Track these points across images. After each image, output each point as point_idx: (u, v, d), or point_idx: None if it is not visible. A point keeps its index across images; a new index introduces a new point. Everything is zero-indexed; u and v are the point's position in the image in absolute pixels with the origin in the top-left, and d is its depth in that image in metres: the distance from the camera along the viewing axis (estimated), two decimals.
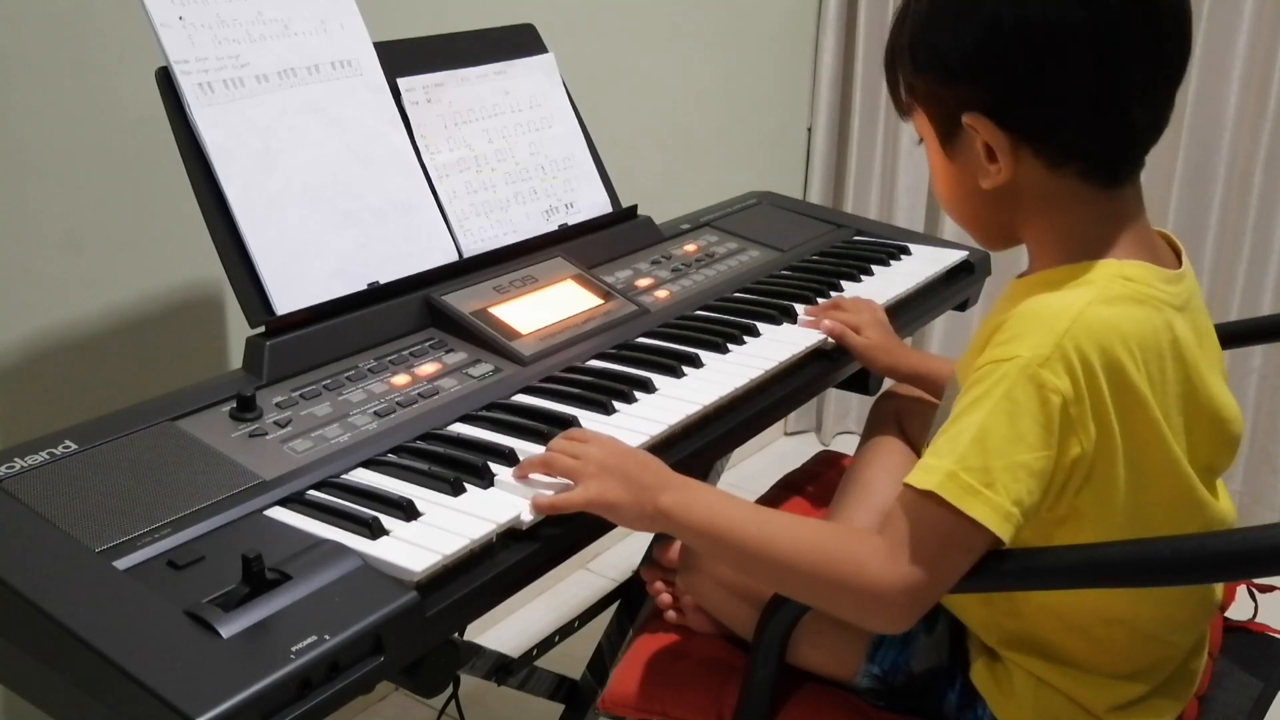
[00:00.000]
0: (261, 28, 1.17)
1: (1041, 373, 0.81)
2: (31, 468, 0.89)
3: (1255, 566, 0.76)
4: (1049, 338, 0.82)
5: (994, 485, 0.81)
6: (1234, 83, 2.09)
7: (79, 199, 1.32)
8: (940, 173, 0.95)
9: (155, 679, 0.69)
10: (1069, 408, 0.81)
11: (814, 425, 2.74)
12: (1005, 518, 0.81)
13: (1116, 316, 0.84)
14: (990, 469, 0.81)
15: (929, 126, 0.93)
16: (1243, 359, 2.19)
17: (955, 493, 0.81)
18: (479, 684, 1.38)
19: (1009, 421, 0.81)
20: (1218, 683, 1.05)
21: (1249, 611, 1.12)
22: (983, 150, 0.88)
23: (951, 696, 0.97)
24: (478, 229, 1.30)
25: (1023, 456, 0.81)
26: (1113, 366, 0.82)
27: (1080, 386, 0.81)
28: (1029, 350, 0.82)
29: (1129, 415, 0.84)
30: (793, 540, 0.87)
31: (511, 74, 1.40)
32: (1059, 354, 0.81)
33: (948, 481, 0.81)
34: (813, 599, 0.89)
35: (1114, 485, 0.85)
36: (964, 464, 0.81)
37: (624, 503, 0.91)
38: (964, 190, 0.93)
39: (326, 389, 1.05)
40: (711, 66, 2.25)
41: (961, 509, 0.81)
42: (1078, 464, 0.83)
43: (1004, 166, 0.88)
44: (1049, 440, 0.81)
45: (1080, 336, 0.82)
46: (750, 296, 1.36)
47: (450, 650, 0.85)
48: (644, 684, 1.06)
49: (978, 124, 0.87)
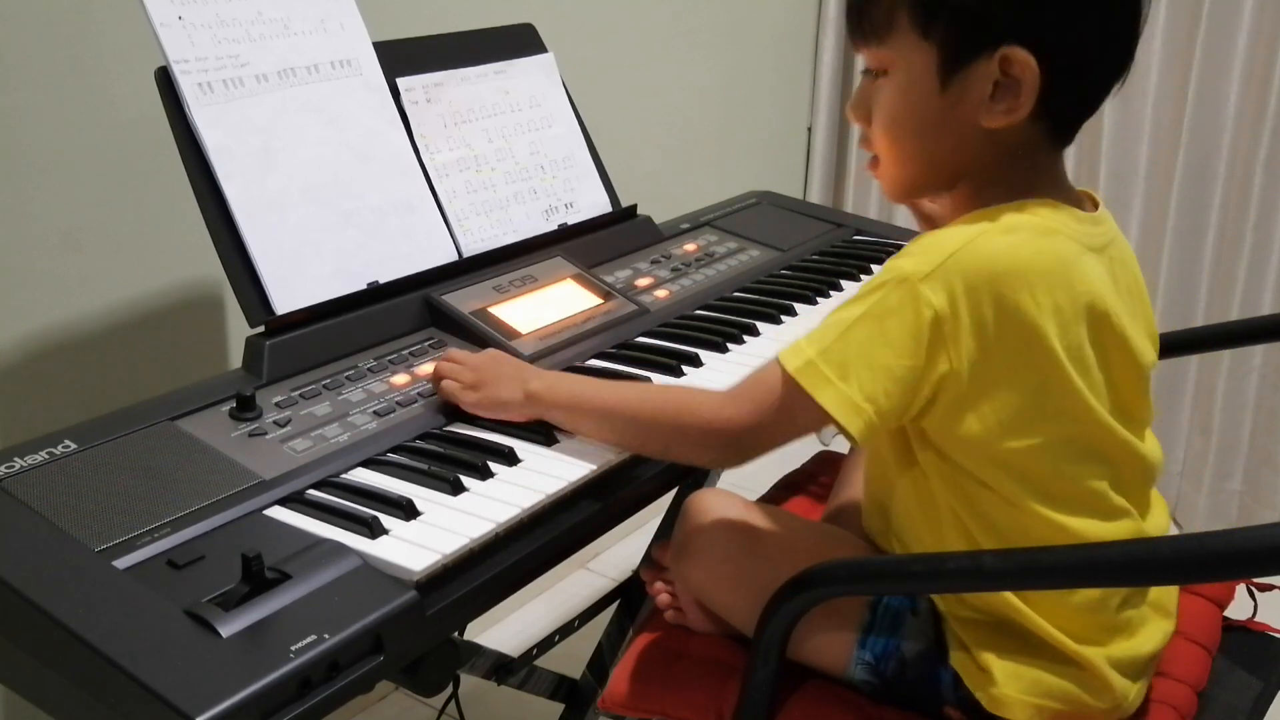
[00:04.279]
0: (261, 27, 1.17)
1: (920, 286, 0.85)
2: (31, 467, 0.89)
3: (1255, 566, 0.76)
4: (935, 257, 0.85)
5: (848, 378, 0.86)
6: (1234, 83, 2.08)
7: (79, 199, 1.32)
8: (914, 104, 0.91)
9: (155, 678, 0.69)
10: (942, 323, 0.84)
11: None
12: (854, 410, 0.85)
13: (1012, 244, 0.86)
14: (848, 363, 0.86)
15: (923, 51, 0.89)
16: (1243, 359, 2.18)
17: (810, 379, 0.87)
18: (479, 683, 1.38)
19: (878, 324, 0.86)
20: (1217, 682, 1.05)
21: (1248, 610, 1.12)
22: (990, 87, 0.87)
23: (946, 675, 0.96)
24: (477, 228, 1.30)
25: (884, 358, 0.85)
26: (1000, 293, 0.84)
27: (958, 305, 0.84)
28: (912, 266, 0.86)
29: (1019, 342, 0.86)
30: (641, 396, 1.00)
31: (511, 74, 1.40)
32: (940, 273, 0.85)
33: (806, 369, 0.87)
34: (660, 445, 0.98)
35: (1001, 409, 0.87)
36: (825, 355, 0.87)
37: (506, 398, 1.03)
38: (938, 125, 0.91)
39: (326, 388, 1.05)
40: (711, 66, 2.25)
41: (813, 395, 0.86)
42: (947, 380, 0.86)
43: (1024, 105, 0.87)
44: (915, 350, 0.85)
45: (966, 260, 0.85)
46: (750, 296, 1.36)
47: (450, 650, 0.85)
48: (644, 683, 1.06)
49: (1016, 57, 0.86)
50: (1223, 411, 2.22)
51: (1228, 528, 0.76)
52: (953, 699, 0.96)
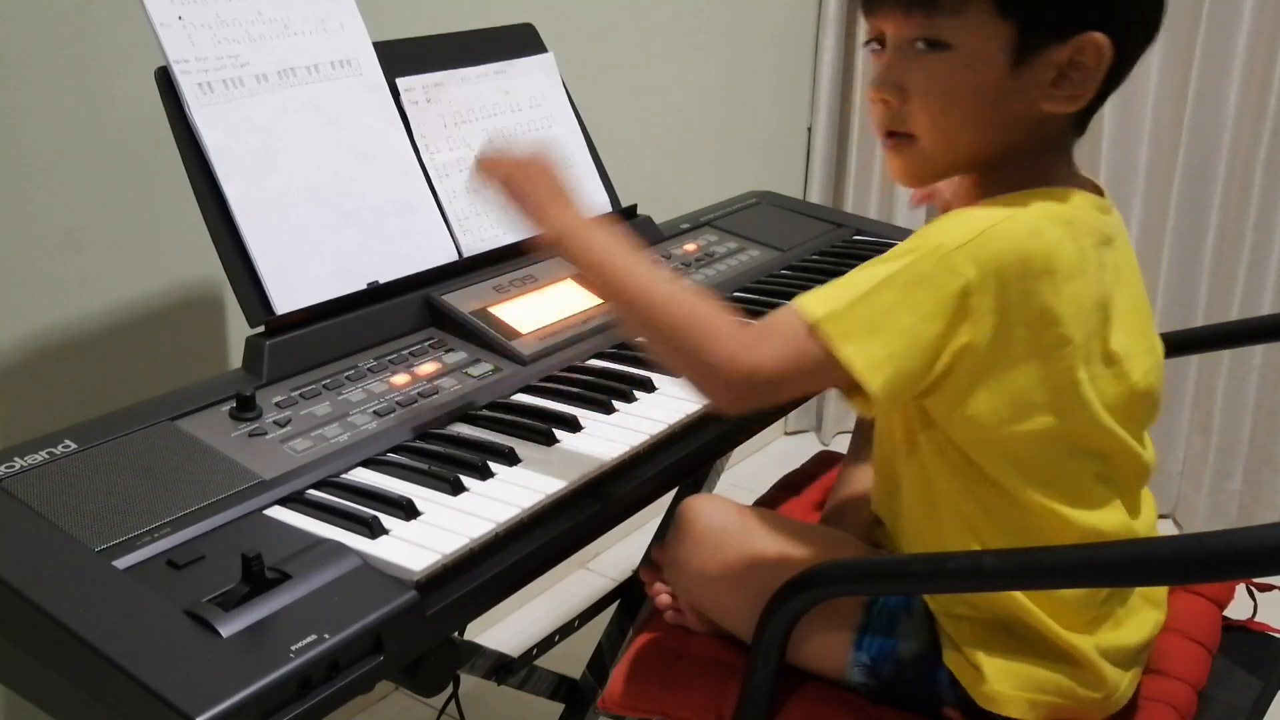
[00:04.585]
0: (261, 27, 1.17)
1: (953, 256, 0.84)
2: (31, 467, 0.89)
3: (1255, 566, 0.76)
4: (969, 231, 0.85)
5: (873, 337, 0.83)
6: (1234, 83, 2.08)
7: (79, 199, 1.32)
8: (977, 83, 0.88)
9: (155, 678, 0.69)
10: (970, 295, 0.84)
11: (814, 425, 2.74)
12: (876, 367, 0.83)
13: (1040, 230, 0.86)
14: (874, 322, 0.84)
15: (997, 29, 0.86)
16: (1243, 359, 2.18)
17: (834, 331, 0.84)
18: (479, 683, 1.38)
19: (907, 289, 0.84)
20: (1217, 682, 1.05)
21: (1248, 610, 1.12)
22: (1055, 71, 0.87)
23: (943, 675, 0.96)
24: (477, 228, 1.30)
25: (910, 322, 0.84)
26: (1026, 275, 0.84)
27: (987, 280, 0.84)
28: (947, 236, 0.85)
29: (1036, 326, 0.86)
30: (666, 299, 0.90)
31: (511, 74, 1.40)
32: (973, 246, 0.84)
33: (831, 319, 0.84)
34: (666, 351, 0.91)
35: (1009, 391, 0.87)
36: (852, 309, 0.84)
37: (534, 217, 0.95)
38: (995, 106, 0.89)
39: (326, 388, 1.05)
40: (711, 66, 2.25)
41: (836, 347, 0.84)
42: (964, 354, 0.85)
43: (1089, 91, 0.88)
44: (940, 318, 0.84)
45: (999, 238, 0.84)
46: (750, 296, 1.36)
47: (450, 650, 0.85)
48: (644, 684, 1.06)
49: (1097, 43, 0.86)
50: (1223, 411, 2.22)
51: (1228, 528, 0.76)
52: (951, 699, 0.96)
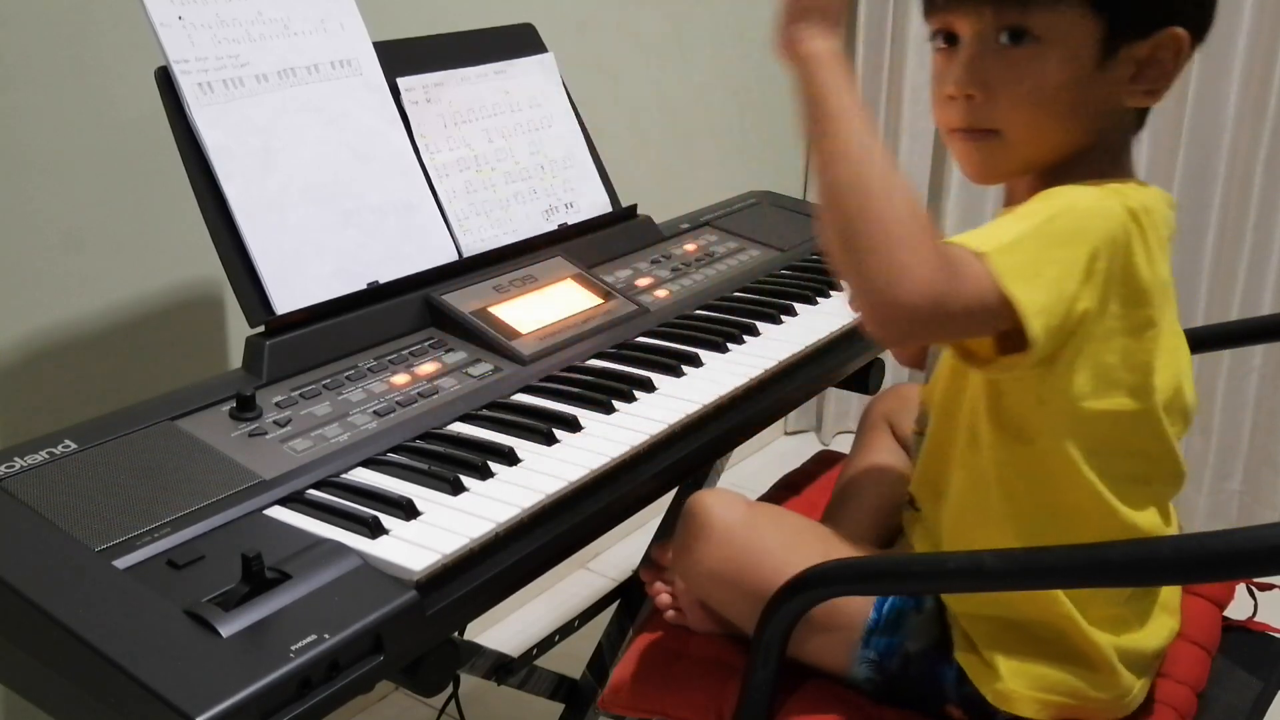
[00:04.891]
0: (261, 27, 1.17)
1: (1084, 219, 0.83)
2: (31, 467, 0.89)
3: (1255, 566, 0.76)
4: (1094, 201, 0.85)
5: (1031, 282, 0.79)
6: (1234, 83, 2.08)
7: (79, 199, 1.32)
8: (1071, 78, 0.88)
9: (155, 678, 0.69)
10: (1096, 260, 0.82)
11: (814, 425, 2.74)
12: (1038, 311, 0.79)
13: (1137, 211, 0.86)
14: (1032, 269, 0.80)
15: (1089, 24, 0.87)
16: (1243, 359, 2.18)
17: (1002, 267, 0.79)
18: (479, 683, 1.38)
19: (1048, 243, 0.82)
20: (1217, 682, 1.05)
21: (1248, 609, 1.12)
22: (1135, 66, 0.88)
23: (949, 673, 0.96)
24: (477, 228, 1.30)
25: (1055, 274, 0.81)
26: (1132, 250, 0.84)
27: (1104, 249, 0.83)
28: (1074, 198, 0.85)
29: (1132, 302, 0.86)
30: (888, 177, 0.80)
31: (511, 74, 1.40)
32: (1100, 212, 0.84)
33: (999, 254, 0.79)
34: (853, 238, 0.80)
35: (1099, 362, 0.86)
36: (1010, 251, 0.80)
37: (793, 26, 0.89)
38: (1085, 102, 0.89)
39: (326, 388, 1.05)
40: (711, 66, 2.25)
41: (1004, 286, 0.79)
42: (1083, 319, 0.83)
43: (1167, 85, 0.89)
44: (1075, 276, 0.82)
45: (1113, 213, 0.84)
46: (750, 296, 1.36)
47: (450, 650, 0.85)
48: (644, 683, 1.06)
49: (1178, 37, 0.87)
50: (1223, 411, 2.22)
51: (1228, 528, 0.76)
52: (955, 697, 0.96)
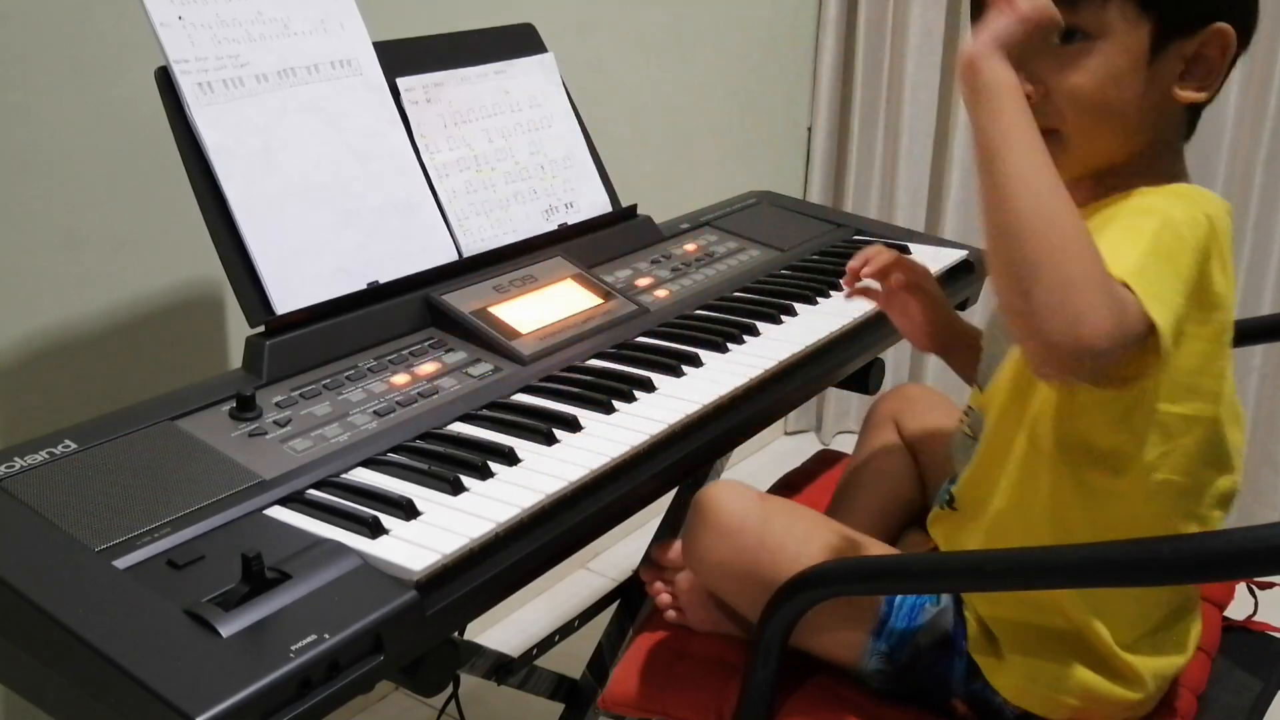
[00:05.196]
0: (261, 27, 1.17)
1: (1181, 229, 0.82)
2: (31, 467, 0.89)
3: (1255, 566, 0.76)
4: (1178, 209, 0.84)
5: (1160, 301, 0.77)
6: (1234, 83, 2.09)
7: (79, 199, 1.32)
8: (1126, 78, 0.88)
9: (155, 678, 0.69)
10: (1192, 270, 0.82)
11: (814, 425, 2.74)
12: (1169, 326, 0.77)
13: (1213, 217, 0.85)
14: (1162, 286, 0.78)
15: (1139, 23, 0.87)
16: (1243, 359, 2.18)
17: (1143, 290, 0.76)
18: (479, 683, 1.38)
19: (1161, 258, 0.80)
20: (1217, 682, 1.05)
21: (1248, 609, 1.12)
22: (1182, 64, 0.88)
23: (959, 666, 0.96)
24: (477, 228, 1.30)
25: (1171, 288, 0.79)
26: (1207, 258, 0.84)
27: (1198, 261, 0.82)
28: (1168, 210, 0.84)
29: (1207, 309, 0.85)
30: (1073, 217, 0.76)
31: (511, 73, 1.40)
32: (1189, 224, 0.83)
33: (1138, 279, 0.77)
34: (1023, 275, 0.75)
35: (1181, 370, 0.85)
36: (1141, 271, 0.78)
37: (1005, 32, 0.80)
38: (1138, 102, 0.89)
39: (326, 388, 1.05)
40: (711, 66, 2.25)
41: (1148, 309, 0.76)
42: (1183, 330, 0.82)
43: (1217, 82, 0.89)
44: (1185, 290, 0.80)
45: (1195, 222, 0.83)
46: (750, 296, 1.36)
47: (450, 649, 0.85)
48: (644, 683, 1.06)
49: (1224, 33, 0.87)
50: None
51: (1227, 528, 0.76)
52: (962, 692, 0.96)
